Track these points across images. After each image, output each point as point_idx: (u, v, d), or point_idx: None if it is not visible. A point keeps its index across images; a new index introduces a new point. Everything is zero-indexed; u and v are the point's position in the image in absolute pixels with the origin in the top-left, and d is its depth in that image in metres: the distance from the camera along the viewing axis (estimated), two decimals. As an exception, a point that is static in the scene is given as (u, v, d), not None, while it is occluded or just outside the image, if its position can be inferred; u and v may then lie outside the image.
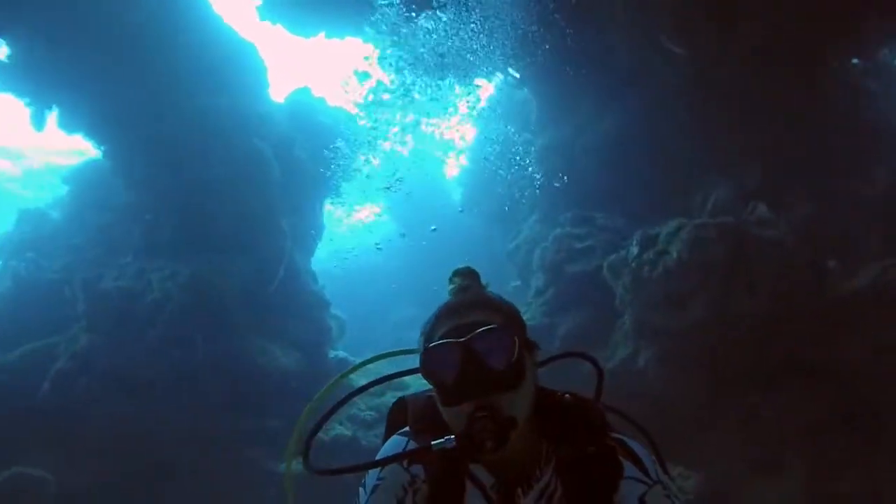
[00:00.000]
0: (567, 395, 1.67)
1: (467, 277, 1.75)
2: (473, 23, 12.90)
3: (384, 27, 12.86)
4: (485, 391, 1.47)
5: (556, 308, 10.96)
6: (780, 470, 7.26)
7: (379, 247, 21.85)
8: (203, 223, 11.67)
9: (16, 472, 8.51)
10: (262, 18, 13.71)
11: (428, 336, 1.60)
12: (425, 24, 12.61)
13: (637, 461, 1.58)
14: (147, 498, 10.23)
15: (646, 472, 1.56)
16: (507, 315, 1.60)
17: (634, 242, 8.94)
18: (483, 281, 1.76)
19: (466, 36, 12.99)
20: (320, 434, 1.77)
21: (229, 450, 10.32)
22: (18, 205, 18.35)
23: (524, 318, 1.65)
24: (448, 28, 12.74)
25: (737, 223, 8.35)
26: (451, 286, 1.73)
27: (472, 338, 1.49)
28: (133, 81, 11.63)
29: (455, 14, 12.14)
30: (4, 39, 12.06)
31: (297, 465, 1.83)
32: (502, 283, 15.10)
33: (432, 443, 1.50)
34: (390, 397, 10.14)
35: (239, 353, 10.68)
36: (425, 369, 1.55)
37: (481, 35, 13.16)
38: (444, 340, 1.53)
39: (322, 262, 18.36)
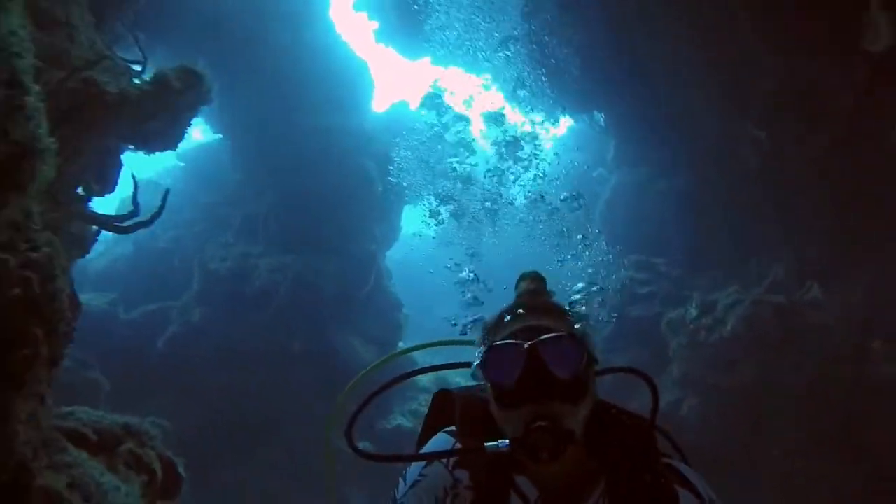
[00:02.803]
0: (617, 412, 1.63)
1: (536, 282, 1.71)
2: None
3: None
4: (545, 397, 1.42)
5: (614, 346, 12.13)
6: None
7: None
8: (307, 224, 13.24)
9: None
10: (378, 41, 15.10)
11: (493, 334, 1.55)
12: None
13: (691, 487, 1.54)
14: (241, 454, 11.97)
15: (699, 496, 1.53)
16: (576, 325, 1.56)
17: (694, 305, 10.05)
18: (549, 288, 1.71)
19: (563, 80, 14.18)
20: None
21: (311, 427, 11.95)
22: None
23: None
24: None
25: (789, 304, 9.38)
26: (519, 290, 1.70)
27: (540, 342, 1.45)
28: (265, 91, 13.19)
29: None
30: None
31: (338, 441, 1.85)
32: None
33: (486, 444, 1.45)
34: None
35: (329, 346, 12.25)
36: (487, 367, 1.50)
37: (574, 81, 14.32)
38: (512, 340, 1.48)
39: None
